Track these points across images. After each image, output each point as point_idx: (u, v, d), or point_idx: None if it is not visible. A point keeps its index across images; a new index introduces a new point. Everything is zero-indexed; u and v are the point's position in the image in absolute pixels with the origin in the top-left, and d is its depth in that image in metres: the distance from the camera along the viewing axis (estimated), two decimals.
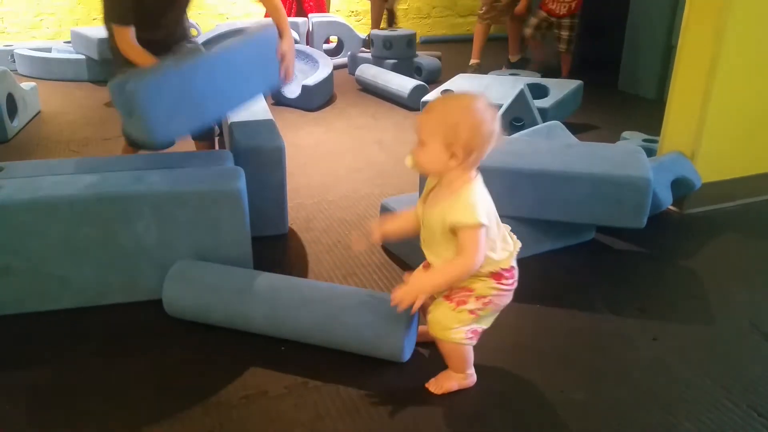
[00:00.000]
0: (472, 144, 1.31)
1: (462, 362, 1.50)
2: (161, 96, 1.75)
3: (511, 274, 1.42)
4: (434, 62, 4.63)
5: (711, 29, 2.29)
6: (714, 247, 2.27)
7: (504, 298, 1.44)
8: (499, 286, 1.41)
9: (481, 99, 1.34)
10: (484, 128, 1.31)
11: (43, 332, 1.72)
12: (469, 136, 1.30)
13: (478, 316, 1.42)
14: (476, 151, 1.32)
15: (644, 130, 2.98)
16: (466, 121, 1.30)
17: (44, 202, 1.70)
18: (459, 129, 1.30)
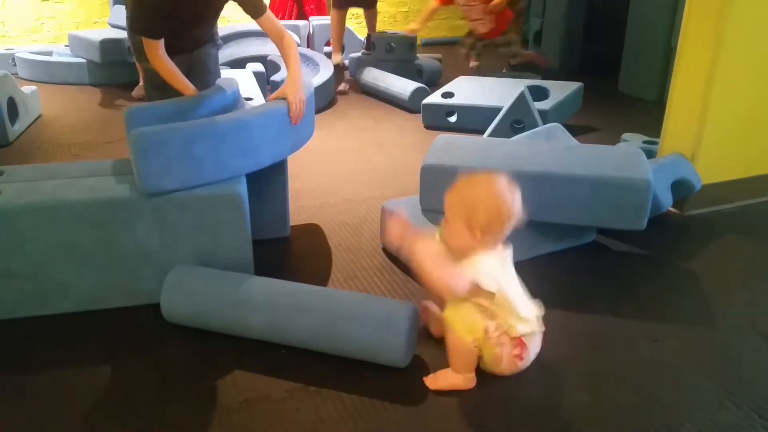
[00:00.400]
0: (491, 225, 1.41)
1: (464, 362, 1.51)
2: (160, 151, 1.73)
3: (522, 348, 1.50)
4: (435, 64, 4.64)
5: (711, 31, 2.30)
6: (714, 249, 2.27)
7: (505, 359, 1.49)
8: (511, 346, 1.49)
9: (502, 180, 1.44)
10: (503, 210, 1.41)
11: (43, 336, 1.73)
12: (488, 217, 1.40)
13: (488, 339, 1.47)
14: (495, 232, 1.42)
15: (644, 132, 2.98)
16: (485, 202, 1.41)
17: (45, 206, 1.70)
18: (478, 210, 1.40)
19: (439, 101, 3.62)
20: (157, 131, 1.74)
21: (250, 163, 1.90)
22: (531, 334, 1.51)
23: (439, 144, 2.18)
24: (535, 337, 1.53)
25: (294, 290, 1.70)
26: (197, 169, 1.78)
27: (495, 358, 1.50)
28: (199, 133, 1.78)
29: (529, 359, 1.54)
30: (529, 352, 1.53)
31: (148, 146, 1.72)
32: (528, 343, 1.51)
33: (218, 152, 1.80)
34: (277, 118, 1.95)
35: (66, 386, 1.54)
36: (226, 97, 2.14)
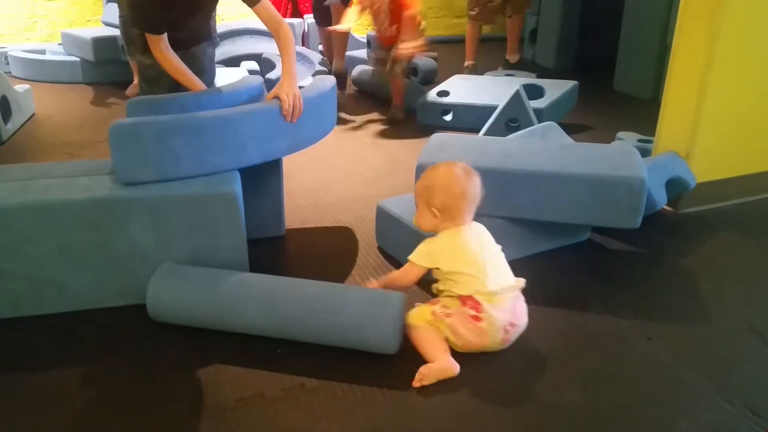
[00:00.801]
0: (447, 204, 1.62)
1: (426, 345, 1.58)
2: (135, 142, 1.73)
3: (473, 305, 1.57)
4: (431, 63, 4.63)
5: (705, 29, 2.30)
6: (709, 247, 2.27)
7: (462, 324, 1.56)
8: (461, 308, 1.58)
9: (457, 165, 1.66)
10: (455, 190, 1.62)
11: (39, 336, 1.72)
12: (443, 198, 1.62)
13: (436, 318, 1.59)
14: (451, 210, 1.62)
15: (639, 131, 2.98)
16: (440, 184, 1.64)
17: (39, 205, 1.69)
18: (435, 192, 1.63)
19: (434, 100, 3.62)
20: (133, 123, 1.75)
21: (233, 160, 1.87)
22: (489, 294, 1.56)
23: (434, 142, 2.18)
24: (503, 301, 1.57)
25: (283, 279, 1.72)
26: (174, 163, 1.77)
27: (451, 330, 1.58)
28: (175, 126, 1.77)
29: (497, 322, 1.56)
30: (489, 311, 1.55)
31: (123, 137, 1.73)
32: (483, 301, 1.55)
33: (197, 147, 1.79)
34: (267, 116, 1.92)
35: (60, 385, 1.53)
36: (239, 95, 2.10)
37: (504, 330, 1.58)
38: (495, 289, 1.58)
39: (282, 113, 1.93)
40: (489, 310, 1.56)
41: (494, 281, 1.59)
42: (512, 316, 1.60)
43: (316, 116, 2.09)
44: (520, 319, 1.63)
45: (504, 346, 1.62)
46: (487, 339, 1.58)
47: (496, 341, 1.59)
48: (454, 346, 1.60)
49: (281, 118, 1.94)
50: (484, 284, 1.57)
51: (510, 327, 1.59)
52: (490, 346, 1.60)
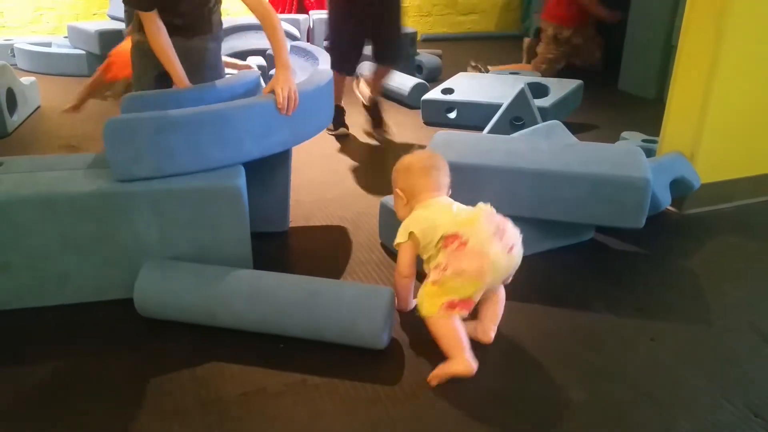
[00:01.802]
0: (407, 182, 1.71)
1: (447, 342, 1.54)
2: (130, 138, 1.73)
3: (453, 239, 1.55)
4: (435, 60, 4.63)
5: (711, 29, 2.30)
6: (713, 248, 2.27)
7: (463, 260, 1.52)
8: (447, 251, 1.55)
9: (418, 152, 1.78)
10: (413, 168, 1.72)
11: (42, 328, 1.73)
12: (403, 177, 1.73)
13: (441, 284, 1.54)
14: (413, 187, 1.70)
15: (644, 130, 2.98)
16: (398, 167, 1.75)
17: (43, 198, 1.70)
18: (397, 175, 1.75)
19: (438, 97, 3.62)
20: (128, 119, 1.74)
21: (231, 155, 1.86)
22: (456, 223, 1.56)
23: (439, 140, 2.18)
24: (476, 220, 1.56)
25: (269, 276, 1.72)
26: (170, 159, 1.77)
27: (457, 274, 1.52)
28: (171, 122, 1.75)
29: (482, 233, 1.53)
30: (468, 231, 1.53)
31: (117, 133, 1.72)
32: (456, 230, 1.55)
33: (193, 143, 1.78)
34: (265, 110, 1.90)
35: (63, 378, 1.54)
36: (233, 89, 2.09)
37: (497, 237, 1.53)
38: (457, 216, 1.59)
39: (277, 107, 1.90)
40: (467, 230, 1.53)
41: (456, 214, 1.60)
42: (494, 225, 1.55)
43: (315, 109, 2.09)
44: (504, 222, 1.57)
45: (513, 254, 1.56)
46: (487, 256, 1.51)
47: (497, 251, 1.52)
48: (476, 287, 1.53)
49: (278, 113, 1.92)
50: (448, 221, 1.58)
51: (500, 231, 1.54)
52: (500, 260, 1.53)
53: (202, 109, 1.82)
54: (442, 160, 1.75)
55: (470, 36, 6.39)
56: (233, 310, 1.65)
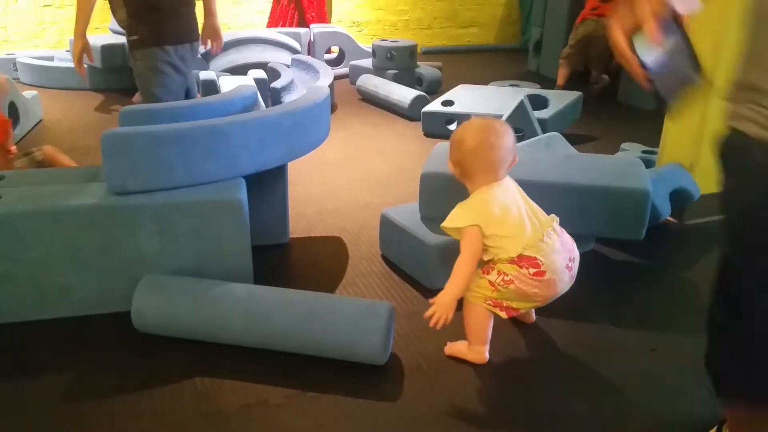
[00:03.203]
0: (459, 158, 1.58)
1: (474, 329, 1.61)
2: (127, 152, 1.73)
3: (529, 263, 1.51)
4: (435, 73, 4.66)
5: (709, 40, 2.31)
6: (713, 259, 2.25)
7: (530, 285, 1.52)
8: (519, 270, 1.52)
9: (480, 120, 1.60)
10: (465, 147, 1.56)
11: (44, 340, 1.73)
12: (454, 152, 1.59)
13: (497, 289, 1.54)
14: (464, 165, 1.57)
15: (643, 142, 2.99)
16: (453, 140, 1.61)
17: (46, 211, 1.70)
18: (451, 148, 1.61)
19: (439, 109, 3.64)
20: (125, 132, 1.75)
21: (226, 169, 1.86)
22: (532, 248, 1.51)
23: (439, 152, 2.19)
24: (553, 243, 1.53)
25: (267, 292, 1.71)
26: (166, 172, 1.77)
27: (519, 295, 1.54)
28: (168, 136, 1.76)
29: (558, 265, 1.52)
30: (547, 260, 1.51)
31: (114, 146, 1.73)
32: (536, 255, 1.50)
33: (189, 157, 1.79)
34: (260, 126, 1.91)
35: (65, 391, 1.54)
36: (233, 104, 2.10)
37: (567, 268, 1.56)
38: (539, 237, 1.52)
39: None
40: (546, 259, 1.51)
41: (533, 230, 1.53)
42: (567, 251, 1.56)
43: (311, 126, 2.09)
44: (574, 251, 1.59)
45: (571, 283, 1.59)
46: (556, 286, 1.54)
47: (564, 282, 1.56)
48: (529, 305, 1.59)
49: (275, 128, 1.93)
50: (527, 239, 1.51)
51: (570, 262, 1.57)
52: (564, 288, 1.57)
53: (198, 123, 1.83)
54: (500, 132, 1.55)
55: (470, 48, 6.42)
56: (231, 331, 1.65)
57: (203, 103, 2.08)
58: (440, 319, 1.51)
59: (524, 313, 1.78)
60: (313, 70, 4.21)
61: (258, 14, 5.83)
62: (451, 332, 1.75)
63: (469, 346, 1.64)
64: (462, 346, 1.65)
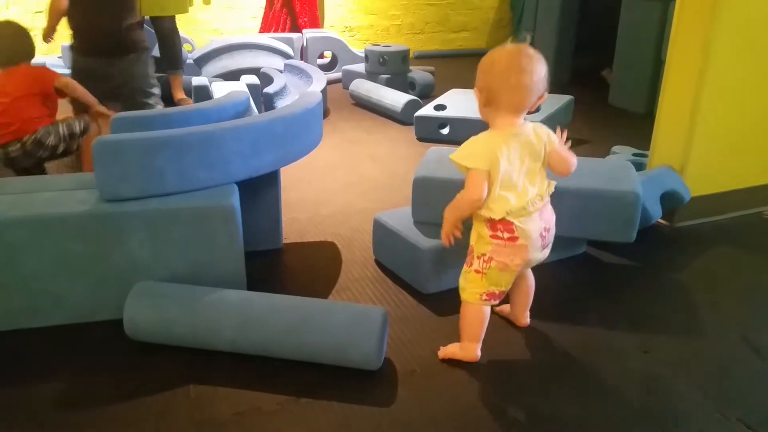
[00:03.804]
0: (486, 83, 1.48)
1: (468, 328, 1.64)
2: (119, 159, 1.73)
3: (505, 227, 1.54)
4: (428, 77, 4.67)
5: (698, 44, 2.33)
6: (704, 261, 2.29)
7: (505, 253, 1.56)
8: (493, 240, 1.55)
9: (516, 46, 1.48)
10: (496, 68, 1.46)
11: (35, 349, 1.72)
12: (482, 76, 1.49)
13: (484, 274, 1.58)
14: (491, 92, 1.48)
15: (634, 145, 3.01)
16: (482, 63, 1.50)
17: (37, 219, 1.70)
18: (479, 72, 1.50)
19: (431, 113, 3.65)
20: (116, 139, 1.75)
21: (218, 176, 1.86)
22: (519, 211, 1.52)
23: (432, 156, 2.20)
24: (533, 213, 1.54)
25: (261, 299, 1.71)
26: (158, 179, 1.77)
27: (501, 268, 1.57)
28: (160, 143, 1.76)
29: (532, 233, 1.55)
30: (522, 226, 1.53)
31: (106, 153, 1.73)
32: (514, 220, 1.52)
33: (181, 164, 1.78)
34: (253, 131, 1.91)
35: (57, 399, 1.53)
36: (225, 110, 2.10)
37: (541, 237, 1.58)
38: (524, 204, 1.53)
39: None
40: (521, 225, 1.53)
41: (522, 195, 1.53)
42: (544, 222, 1.58)
43: (304, 131, 2.09)
44: (551, 221, 1.62)
45: (546, 252, 1.62)
46: (529, 253, 1.57)
47: (536, 249, 1.58)
48: (510, 277, 1.60)
49: (267, 133, 1.93)
50: (513, 204, 1.52)
51: (545, 232, 1.59)
52: (536, 255, 1.60)
53: (190, 129, 1.83)
54: (533, 58, 1.47)
55: (462, 53, 6.45)
56: (224, 338, 1.64)
57: (196, 109, 2.08)
58: (447, 235, 1.61)
59: (517, 316, 1.80)
60: (305, 75, 4.21)
61: (251, 19, 5.83)
62: (447, 337, 1.76)
63: (461, 344, 1.66)
64: (454, 347, 1.68)
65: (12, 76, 2.64)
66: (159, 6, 3.96)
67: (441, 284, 1.97)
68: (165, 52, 4.14)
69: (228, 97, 2.18)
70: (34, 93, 2.65)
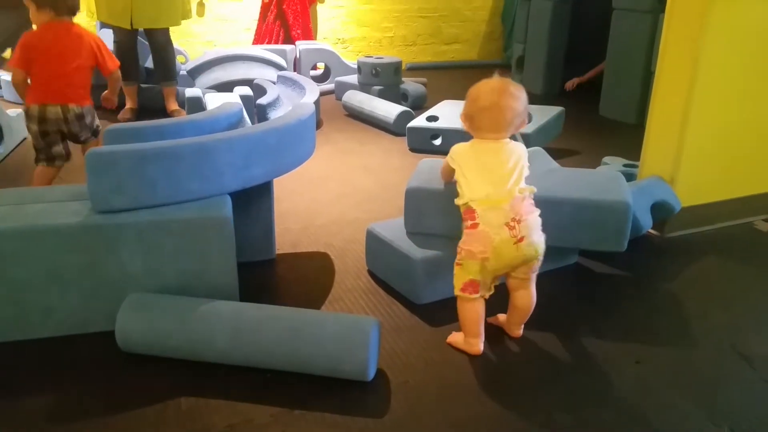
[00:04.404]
0: (469, 113, 1.73)
1: (464, 323, 1.72)
2: (111, 170, 1.73)
3: (470, 215, 1.67)
4: (420, 88, 4.70)
5: (687, 56, 2.36)
6: (694, 270, 2.30)
7: (469, 241, 1.66)
8: (464, 231, 1.68)
9: (498, 80, 1.72)
10: (479, 102, 1.69)
11: (26, 361, 1.71)
12: (468, 106, 1.73)
13: (461, 265, 1.69)
14: (474, 120, 1.72)
15: (625, 155, 3.03)
16: (469, 94, 1.73)
17: (29, 230, 1.69)
18: (467, 102, 1.73)
19: (424, 125, 3.67)
20: (109, 150, 1.74)
21: (210, 187, 1.86)
22: (481, 199, 1.65)
23: (424, 167, 2.21)
24: (499, 203, 1.64)
25: (253, 310, 1.70)
26: (151, 190, 1.77)
27: (470, 256, 1.65)
28: (153, 154, 1.75)
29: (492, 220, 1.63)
30: (483, 214, 1.63)
31: (99, 165, 1.73)
32: (477, 208, 1.64)
33: (173, 174, 1.78)
34: (246, 142, 1.91)
35: (48, 412, 1.52)
36: (218, 122, 2.10)
37: (507, 227, 1.62)
38: (486, 194, 1.64)
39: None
40: (482, 212, 1.63)
41: (487, 187, 1.65)
42: (513, 213, 1.63)
43: (297, 142, 2.09)
44: (524, 215, 1.64)
45: (522, 246, 1.63)
46: (491, 239, 1.62)
47: (504, 239, 1.62)
48: (478, 266, 1.65)
49: (260, 145, 1.93)
50: (476, 191, 1.66)
51: (513, 222, 1.62)
52: (504, 248, 1.63)
53: (182, 141, 1.83)
54: (514, 96, 1.69)
55: (454, 65, 6.49)
56: (216, 349, 1.64)
57: (189, 121, 2.08)
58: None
59: (511, 327, 1.81)
60: (298, 87, 4.23)
61: (244, 31, 5.86)
62: (440, 348, 1.76)
63: (464, 338, 1.74)
64: (459, 336, 1.76)
65: (82, 38, 2.66)
66: (150, 19, 3.98)
67: (434, 295, 1.97)
68: (158, 63, 4.16)
69: (221, 108, 2.18)
70: (91, 65, 2.70)
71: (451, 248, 1.81)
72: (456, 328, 1.80)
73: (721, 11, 2.29)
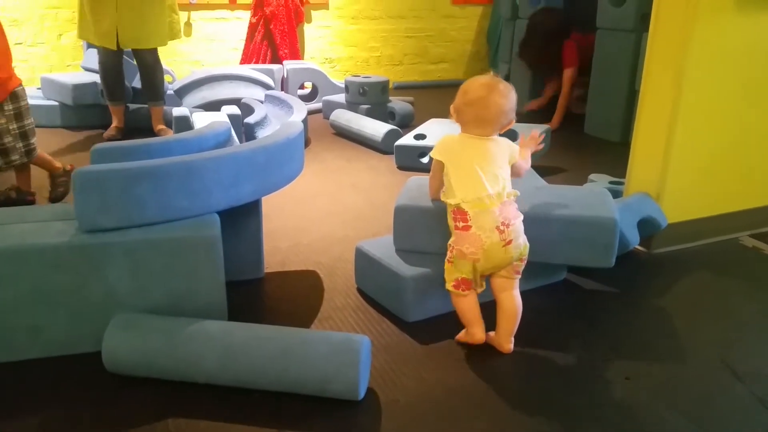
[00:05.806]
0: (457, 106, 1.78)
1: (461, 316, 1.80)
2: (98, 189, 1.72)
3: (461, 216, 1.71)
4: (407, 107, 4.73)
5: (671, 75, 2.40)
6: (682, 286, 2.32)
7: (460, 242, 1.72)
8: (455, 231, 1.73)
9: (490, 78, 1.76)
10: (468, 96, 1.74)
11: (12, 383, 1.67)
12: (457, 99, 1.77)
13: (451, 262, 1.76)
14: (461, 113, 1.77)
15: (610, 173, 3.06)
16: (461, 89, 1.78)
17: (13, 250, 1.67)
18: (457, 95, 1.77)
19: (411, 143, 3.69)
20: (97, 169, 1.73)
21: (198, 205, 1.84)
22: (473, 201, 1.70)
23: (412, 185, 2.22)
24: (490, 206, 1.69)
25: (241, 329, 1.69)
26: (139, 209, 1.75)
27: (460, 256, 1.72)
28: (140, 173, 1.74)
29: (485, 223, 1.69)
30: (475, 217, 1.69)
31: (86, 184, 1.71)
32: (469, 210, 1.70)
33: (161, 193, 1.77)
34: (234, 161, 1.90)
35: None
36: (203, 140, 2.09)
37: (498, 230, 1.69)
38: (479, 195, 1.70)
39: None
40: (475, 216, 1.69)
41: (479, 189, 1.70)
42: (503, 217, 1.70)
43: (285, 161, 2.09)
44: (512, 219, 1.72)
45: (510, 248, 1.71)
46: (482, 242, 1.69)
47: (495, 242, 1.69)
48: (470, 266, 1.72)
49: (248, 163, 1.92)
50: (467, 193, 1.71)
51: (503, 226, 1.70)
52: (494, 250, 1.70)
53: (170, 159, 1.82)
54: (502, 93, 1.74)
55: (440, 84, 6.55)
56: (205, 370, 1.62)
57: (176, 140, 2.07)
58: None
59: (501, 342, 1.81)
60: (286, 106, 4.24)
61: (231, 51, 5.88)
62: (430, 366, 1.75)
63: (465, 330, 1.82)
64: (463, 332, 1.84)
65: None
66: (136, 39, 3.98)
67: (424, 312, 1.97)
68: (146, 83, 4.15)
69: (209, 127, 2.18)
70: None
71: (440, 266, 1.83)
72: (447, 346, 1.80)
73: (704, 30, 2.33)
